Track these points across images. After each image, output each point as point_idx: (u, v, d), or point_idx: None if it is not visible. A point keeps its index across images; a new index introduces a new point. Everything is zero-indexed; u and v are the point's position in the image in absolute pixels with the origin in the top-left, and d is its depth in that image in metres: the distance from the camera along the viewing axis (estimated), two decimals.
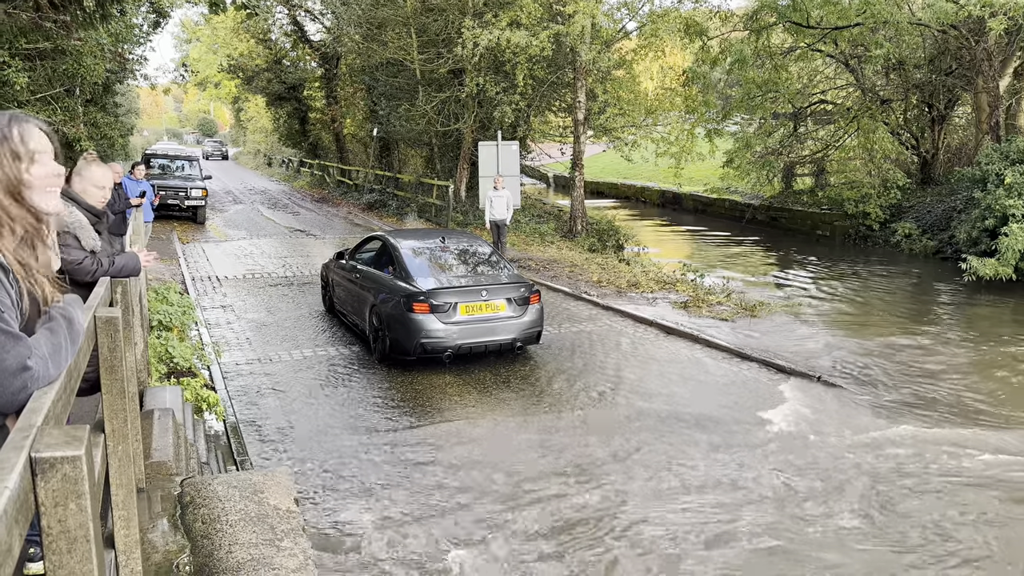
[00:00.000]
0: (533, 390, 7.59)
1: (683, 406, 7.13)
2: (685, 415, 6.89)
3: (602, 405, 7.18)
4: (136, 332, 4.42)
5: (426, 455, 5.97)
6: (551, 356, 8.82)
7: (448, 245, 9.18)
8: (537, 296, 8.56)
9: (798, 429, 6.58)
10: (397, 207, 23.37)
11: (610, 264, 14.61)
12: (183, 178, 20.57)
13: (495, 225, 14.17)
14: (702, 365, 8.47)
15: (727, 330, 9.73)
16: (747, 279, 14.92)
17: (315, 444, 6.18)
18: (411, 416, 6.83)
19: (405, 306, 7.89)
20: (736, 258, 18.67)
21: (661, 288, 12.27)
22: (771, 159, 21.97)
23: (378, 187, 26.34)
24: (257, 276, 13.59)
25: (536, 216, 21.73)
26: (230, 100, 53.52)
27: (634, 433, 6.45)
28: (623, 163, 24.96)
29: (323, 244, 17.74)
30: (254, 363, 8.39)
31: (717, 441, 6.28)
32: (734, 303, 11.16)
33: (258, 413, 6.86)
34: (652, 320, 10.25)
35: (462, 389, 7.59)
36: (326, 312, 10.85)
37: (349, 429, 6.51)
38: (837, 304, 12.17)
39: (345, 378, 7.93)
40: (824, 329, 10.03)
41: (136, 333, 4.42)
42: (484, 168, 17.22)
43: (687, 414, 6.91)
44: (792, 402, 7.25)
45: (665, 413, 6.95)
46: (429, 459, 5.89)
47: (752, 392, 7.56)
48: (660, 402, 7.26)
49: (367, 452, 6.02)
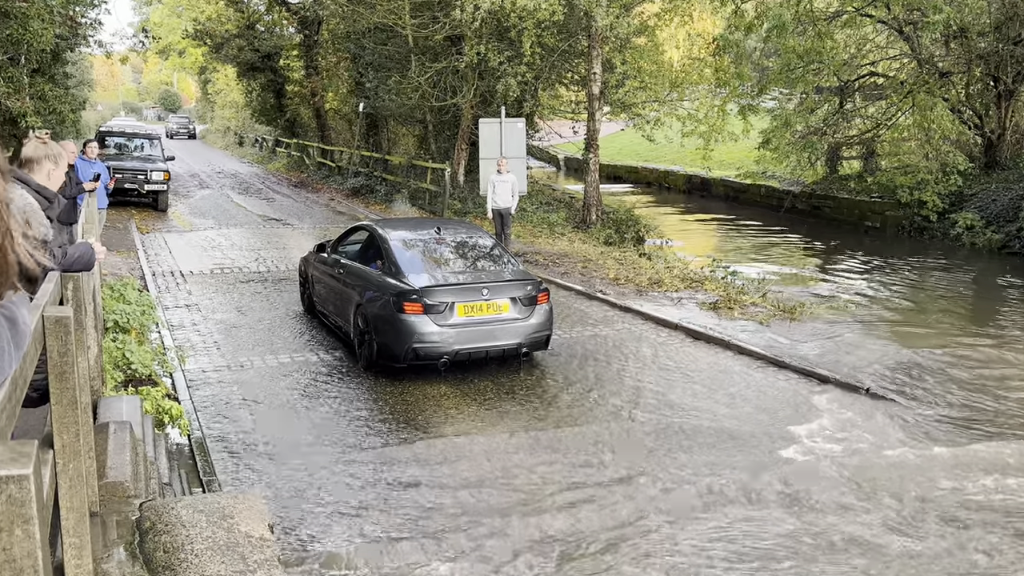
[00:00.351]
0: (540, 403, 7.60)
1: (710, 420, 7.13)
2: (710, 430, 6.89)
3: (618, 420, 7.19)
4: (89, 334, 4.44)
5: (417, 476, 5.98)
6: (561, 364, 8.83)
7: (444, 236, 9.20)
8: (546, 295, 8.56)
9: (842, 448, 6.57)
10: (386, 193, 23.42)
11: (629, 259, 14.63)
12: (143, 159, 20.61)
13: (498, 214, 14.18)
14: (733, 375, 8.47)
15: (762, 335, 9.73)
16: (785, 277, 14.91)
17: (292, 463, 6.20)
18: (401, 432, 6.84)
19: (395, 306, 7.91)
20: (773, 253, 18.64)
21: (687, 287, 12.27)
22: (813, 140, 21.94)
23: (364, 170, 26.38)
24: (226, 271, 13.62)
25: (545, 204, 21.75)
26: (196, 71, 53.65)
27: (654, 452, 6.46)
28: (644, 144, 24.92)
29: (301, 235, 17.77)
30: (223, 370, 8.42)
31: (746, 461, 6.28)
32: (770, 304, 11.15)
33: (227, 427, 6.89)
34: (677, 323, 10.25)
35: (459, 401, 7.61)
36: (305, 312, 10.87)
37: (331, 446, 6.53)
38: (888, 306, 12.15)
39: (326, 388, 7.95)
40: (873, 334, 10.02)
41: (89, 335, 4.44)
42: (485, 149, 17.23)
43: (713, 429, 6.92)
44: (834, 416, 7.25)
45: (690, 428, 6.96)
46: (420, 481, 5.90)
47: (789, 405, 7.57)
48: (684, 416, 7.27)
49: (351, 472, 6.03)
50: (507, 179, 14.17)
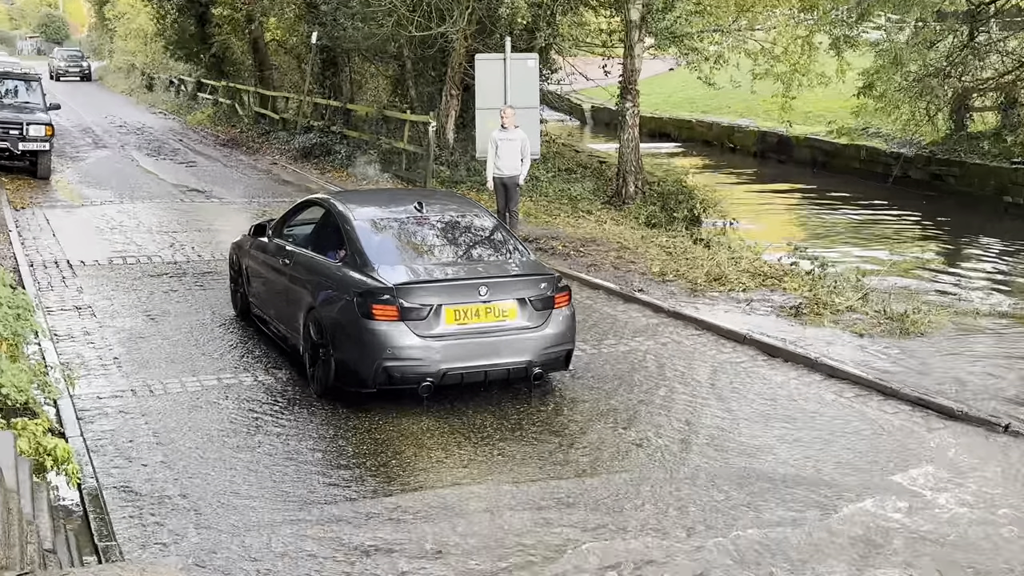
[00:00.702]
0: (558, 443, 7.59)
1: (789, 467, 7.12)
2: (790, 479, 6.89)
3: (664, 466, 7.18)
4: None
5: (390, 542, 5.99)
6: (586, 389, 8.81)
7: (427, 215, 9.20)
8: (566, 296, 8.56)
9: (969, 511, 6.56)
10: (348, 155, 23.45)
11: (679, 246, 14.61)
12: (16, 108, 20.65)
13: (501, 184, 14.19)
14: (821, 405, 8.45)
15: (861, 351, 9.70)
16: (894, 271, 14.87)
17: (220, 523, 6.21)
18: (369, 481, 6.85)
19: (360, 309, 7.92)
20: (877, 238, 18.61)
21: (759, 284, 12.25)
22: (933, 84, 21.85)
23: (319, 124, 26.40)
24: (130, 261, 13.65)
25: (565, 171, 21.74)
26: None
27: (713, 509, 6.45)
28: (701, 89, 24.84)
29: (233, 212, 17.79)
30: (125, 396, 8.43)
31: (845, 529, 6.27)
32: (873, 309, 11.13)
33: (132, 474, 6.90)
34: (745, 335, 10.23)
35: (448, 440, 7.60)
36: (237, 317, 10.89)
37: (272, 500, 6.54)
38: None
39: (267, 421, 7.95)
40: (1018, 351, 9.98)
41: None
42: (484, 96, 17.22)
43: (793, 478, 6.91)
44: (957, 464, 7.23)
45: (760, 476, 6.95)
46: (394, 548, 5.91)
47: (896, 447, 7.55)
48: (753, 460, 7.26)
49: (300, 536, 6.05)
50: (514, 137, 14.15)
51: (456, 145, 21.20)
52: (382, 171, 21.47)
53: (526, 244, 10.21)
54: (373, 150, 22.71)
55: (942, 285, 14.55)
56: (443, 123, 21.05)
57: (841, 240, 18.54)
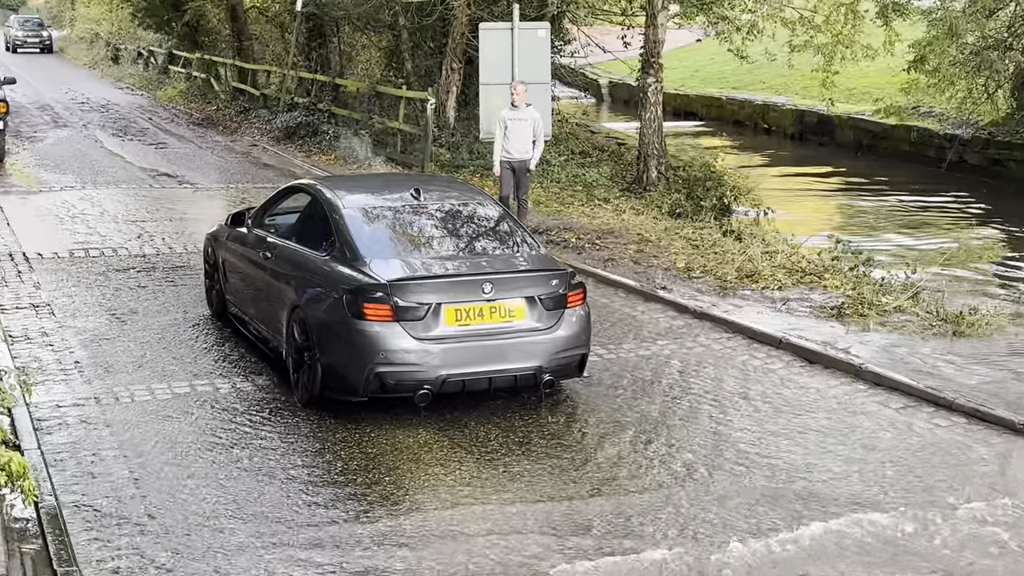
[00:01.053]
0: (572, 459, 7.58)
1: (829, 486, 7.10)
2: (829, 501, 6.86)
3: (691, 485, 7.17)
4: None
5: (383, 569, 5.98)
6: (602, 398, 8.80)
7: (425, 203, 9.20)
8: (580, 294, 8.55)
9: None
10: (337, 136, 23.42)
11: (707, 239, 14.58)
12: None
13: (509, 169, 14.15)
14: (865, 417, 8.42)
15: (911, 357, 9.67)
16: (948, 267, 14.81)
17: (193, 547, 6.20)
18: (359, 501, 6.84)
19: (350, 308, 7.92)
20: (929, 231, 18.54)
21: (797, 282, 12.22)
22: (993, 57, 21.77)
23: (304, 101, 26.37)
24: (94, 254, 13.66)
25: (579, 154, 21.70)
26: None
27: (746, 534, 6.43)
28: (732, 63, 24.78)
29: (208, 199, 17.80)
30: (88, 405, 8.43)
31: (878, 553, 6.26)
32: (924, 309, 11.10)
33: (96, 491, 6.89)
34: (781, 338, 10.21)
35: (448, 455, 7.59)
36: (213, 317, 10.89)
37: (252, 522, 6.54)
38: None
39: (246, 433, 7.95)
40: None
41: None
42: (489, 70, 17.19)
43: (833, 500, 6.89)
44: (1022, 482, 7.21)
45: (795, 497, 6.92)
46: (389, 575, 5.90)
47: (949, 465, 7.52)
48: (790, 480, 7.24)
49: (282, 562, 6.04)
50: (525, 116, 14.11)
51: (457, 125, 21.18)
52: (375, 154, 21.44)
53: (536, 236, 10.19)
54: (365, 130, 22.67)
55: (1002, 283, 14.49)
56: (443, 100, 21.03)
57: (888, 232, 18.47)
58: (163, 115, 31.07)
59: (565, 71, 25.37)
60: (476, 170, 18.89)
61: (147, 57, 44.43)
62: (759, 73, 30.28)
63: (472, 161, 19.62)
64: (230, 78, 32.64)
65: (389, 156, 21.28)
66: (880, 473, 7.41)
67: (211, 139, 25.78)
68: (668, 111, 23.31)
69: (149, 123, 28.83)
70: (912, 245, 17.26)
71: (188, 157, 22.75)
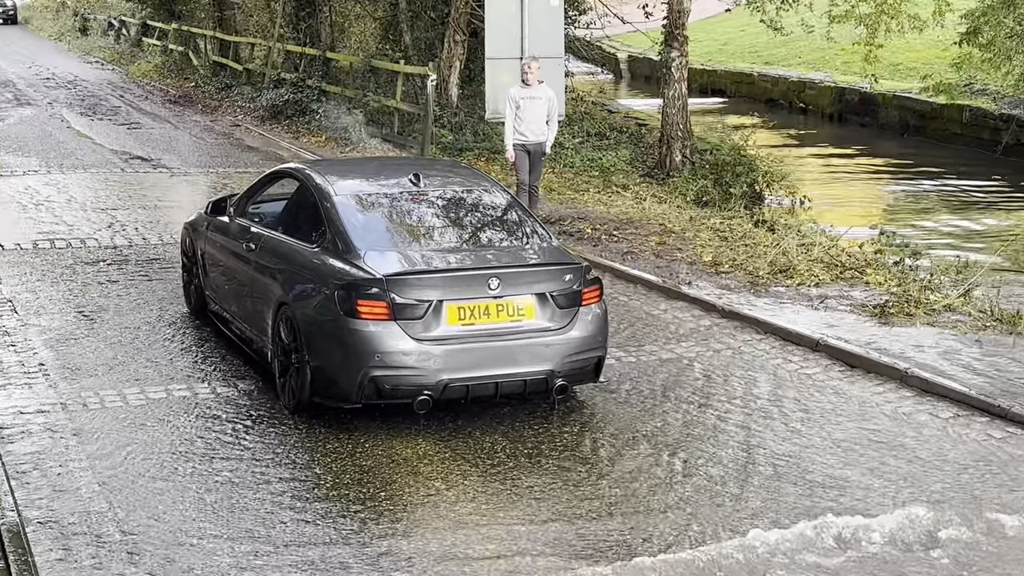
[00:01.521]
0: (586, 472, 7.57)
1: (873, 505, 7.08)
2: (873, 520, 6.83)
3: (717, 503, 7.15)
4: None
5: None
6: (620, 406, 8.79)
7: (426, 189, 9.19)
8: (596, 291, 8.55)
9: None
10: (327, 115, 23.40)
11: (737, 230, 14.57)
12: None
13: (524, 153, 14.13)
14: (912, 427, 8.40)
15: (963, 361, 9.64)
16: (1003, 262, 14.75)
17: (170, 568, 6.20)
18: (352, 519, 6.83)
19: (342, 306, 7.92)
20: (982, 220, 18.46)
21: (836, 277, 12.20)
22: None
23: (291, 77, 26.36)
24: (60, 245, 13.66)
25: (595, 135, 21.67)
26: None
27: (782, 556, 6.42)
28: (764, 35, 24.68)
29: (186, 185, 17.81)
30: (54, 411, 8.42)
31: None
32: (977, 308, 11.07)
33: (62, 506, 6.88)
34: (818, 340, 10.18)
35: (449, 468, 7.58)
36: (191, 315, 10.89)
37: (234, 540, 6.53)
38: None
39: (227, 443, 7.95)
40: None
41: None
42: (495, 43, 17.15)
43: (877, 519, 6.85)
44: None
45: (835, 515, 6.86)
46: None
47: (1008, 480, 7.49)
48: (829, 498, 7.22)
49: None
50: (539, 95, 14.10)
51: (461, 103, 21.16)
52: (369, 135, 21.43)
53: (547, 226, 10.19)
54: (358, 109, 22.67)
55: None
56: (445, 76, 21.01)
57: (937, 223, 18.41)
58: (136, 92, 31.07)
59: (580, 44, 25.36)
60: (481, 153, 18.89)
61: (119, 28, 44.48)
62: (794, 46, 30.24)
63: (477, 143, 19.62)
64: (210, 51, 32.66)
65: (385, 138, 21.26)
66: (928, 489, 7.38)
67: (189, 119, 25.77)
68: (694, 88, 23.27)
69: (121, 101, 28.83)
70: (964, 237, 17.20)
71: (164, 139, 22.75)
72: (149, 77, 34.15)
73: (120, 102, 28.60)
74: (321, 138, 22.24)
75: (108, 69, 37.55)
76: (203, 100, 28.53)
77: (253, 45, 30.52)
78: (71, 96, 29.53)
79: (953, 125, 25.46)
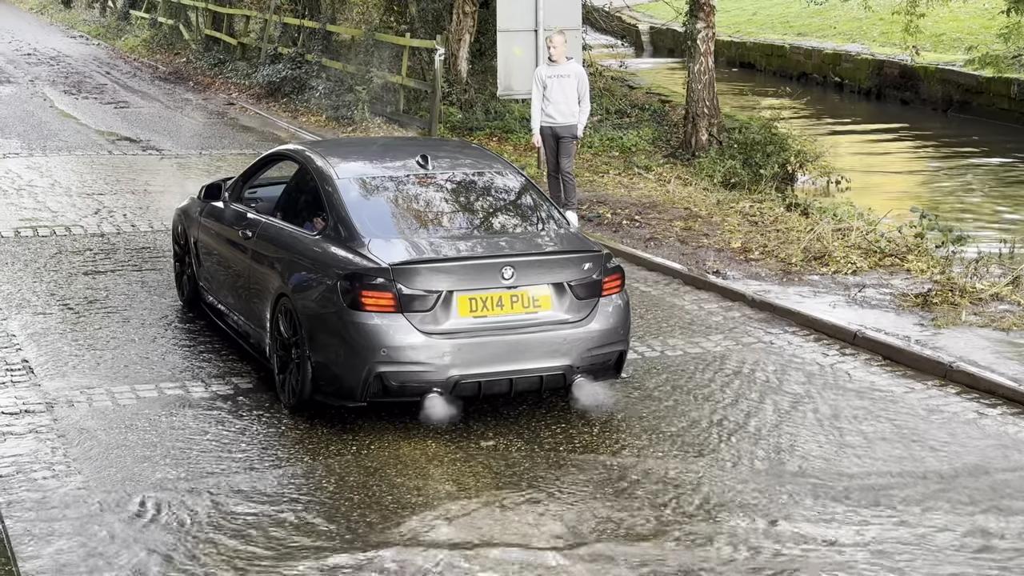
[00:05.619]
0: (607, 476, 7.56)
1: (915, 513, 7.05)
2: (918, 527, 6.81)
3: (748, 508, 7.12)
4: None
5: None
6: (643, 402, 8.78)
7: (434, 172, 9.19)
8: (617, 280, 8.54)
9: None
10: (328, 92, 23.39)
11: (768, 214, 14.56)
12: None
13: (552, 136, 14.04)
14: (959, 427, 8.37)
15: (1012, 354, 9.60)
16: None
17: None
18: (354, 528, 6.82)
19: (346, 297, 7.92)
20: None
21: (874, 265, 12.18)
22: None
23: (289, 51, 26.36)
24: (43, 233, 13.68)
25: (615, 113, 21.64)
26: None
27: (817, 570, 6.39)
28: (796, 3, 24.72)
29: (177, 168, 17.81)
30: (36, 413, 8.42)
31: None
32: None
33: (48, 513, 6.88)
34: (855, 332, 10.17)
35: (461, 472, 7.57)
36: (184, 307, 10.90)
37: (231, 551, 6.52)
38: None
39: (223, 445, 7.95)
40: None
41: None
42: (508, 14, 17.09)
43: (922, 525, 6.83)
44: None
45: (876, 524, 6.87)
46: None
47: None
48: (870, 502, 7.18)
49: None
50: (567, 72, 14.04)
51: (471, 79, 21.13)
52: (373, 114, 21.43)
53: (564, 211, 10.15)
54: (361, 86, 22.62)
55: None
56: (454, 50, 20.99)
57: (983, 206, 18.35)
58: (124, 69, 31.10)
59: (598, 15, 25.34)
60: (493, 132, 18.88)
61: (104, 1, 44.46)
62: (829, 16, 30.14)
63: (489, 122, 19.59)
64: (202, 24, 32.65)
65: (390, 117, 21.25)
66: (973, 497, 7.33)
67: (180, 97, 25.79)
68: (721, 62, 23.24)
69: (107, 78, 28.86)
70: (1011, 221, 17.13)
71: (153, 118, 22.77)
72: (137, 52, 34.18)
73: (106, 79, 28.61)
74: (321, 117, 22.23)
75: (93, 44, 37.59)
76: (195, 77, 28.54)
77: (248, 17, 30.47)
78: (54, 73, 29.56)
79: (1000, 100, 25.32)
